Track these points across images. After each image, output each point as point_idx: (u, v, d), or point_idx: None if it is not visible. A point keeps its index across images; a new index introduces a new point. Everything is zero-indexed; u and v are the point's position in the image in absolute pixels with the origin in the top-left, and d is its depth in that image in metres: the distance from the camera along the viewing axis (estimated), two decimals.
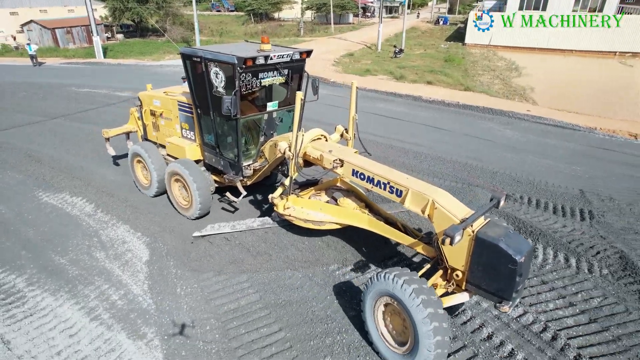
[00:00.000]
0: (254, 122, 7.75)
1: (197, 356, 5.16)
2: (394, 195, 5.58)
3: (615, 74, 31.79)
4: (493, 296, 4.80)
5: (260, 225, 7.84)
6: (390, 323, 5.17)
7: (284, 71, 7.45)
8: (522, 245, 4.62)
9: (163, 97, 8.94)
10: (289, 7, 60.93)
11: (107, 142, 10.37)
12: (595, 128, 14.94)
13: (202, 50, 7.09)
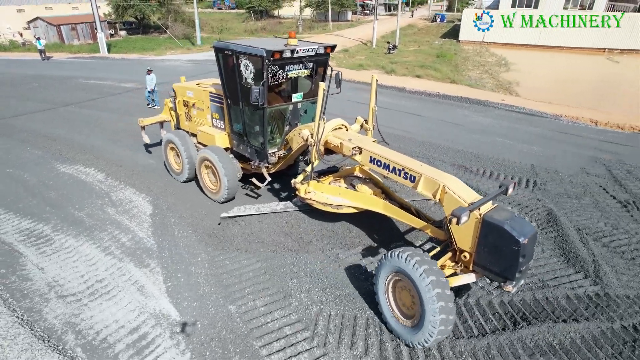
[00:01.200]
0: (279, 112, 8.08)
1: (189, 277, 6.55)
2: (407, 181, 5.92)
3: (601, 70, 32.96)
4: (498, 276, 5.10)
5: (283, 208, 8.06)
6: (400, 297, 5.53)
7: (309, 64, 7.75)
8: (526, 228, 4.90)
9: (196, 88, 9.43)
10: (288, 5, 62.13)
11: (143, 130, 11.03)
12: (561, 115, 16.25)
13: (233, 44, 7.52)
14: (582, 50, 39.36)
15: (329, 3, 54.45)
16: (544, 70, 32.69)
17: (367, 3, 72.41)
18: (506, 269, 4.96)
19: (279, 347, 5.36)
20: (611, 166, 11.23)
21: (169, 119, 11.00)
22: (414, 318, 5.32)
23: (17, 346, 5.37)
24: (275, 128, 8.25)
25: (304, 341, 5.44)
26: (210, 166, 8.68)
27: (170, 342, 5.42)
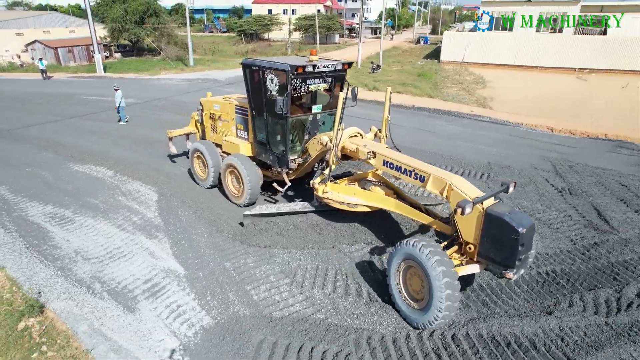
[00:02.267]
0: (300, 122, 8.69)
1: (191, 243, 7.97)
2: (417, 181, 6.46)
3: (568, 87, 35.33)
4: (499, 265, 5.58)
5: (302, 208, 8.37)
6: (410, 283, 6.03)
7: (328, 79, 8.41)
8: (525, 220, 5.40)
9: (222, 102, 10.24)
10: (278, 28, 64.67)
11: (170, 141, 11.78)
12: (521, 123, 18.07)
13: (260, 60, 8.35)
14: (555, 69, 41.82)
15: (316, 26, 57.01)
16: (517, 88, 34.97)
17: (353, 26, 75.42)
18: (507, 258, 5.43)
19: (265, 289, 6.76)
20: (556, 163, 12.92)
21: (194, 131, 11.81)
22: (421, 302, 5.82)
23: (56, 290, 6.71)
24: (296, 137, 8.87)
25: (285, 285, 6.86)
26: (234, 172, 9.36)
27: (177, 287, 6.79)
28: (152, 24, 49.11)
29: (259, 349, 5.48)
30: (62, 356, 5.58)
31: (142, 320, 6.12)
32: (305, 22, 60.71)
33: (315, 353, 5.43)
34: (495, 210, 5.49)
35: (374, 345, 5.60)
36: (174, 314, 6.22)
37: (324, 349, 5.50)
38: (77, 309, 6.37)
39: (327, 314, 6.23)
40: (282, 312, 6.25)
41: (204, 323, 6.02)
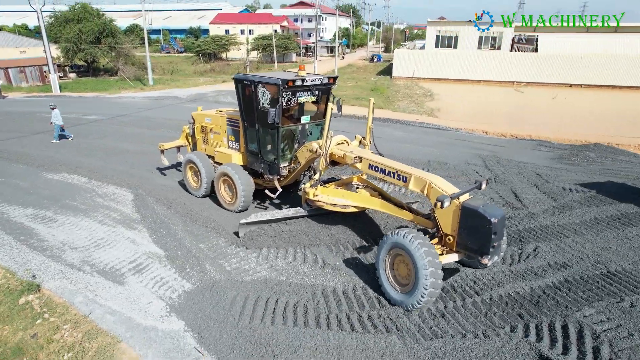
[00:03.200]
0: (290, 132, 9.40)
1: (169, 231, 9.06)
2: (400, 181, 7.09)
3: (507, 98, 38.73)
4: (476, 252, 6.23)
5: (294, 213, 8.87)
6: (397, 269, 6.64)
7: (315, 92, 9.09)
8: (497, 211, 6.09)
9: (214, 115, 10.80)
10: (235, 48, 66.01)
11: (162, 154, 12.21)
12: (461, 128, 20.27)
13: (252, 75, 9.05)
14: (496, 83, 45.49)
15: (273, 46, 58.85)
16: (462, 100, 37.94)
17: (309, 45, 78.01)
18: (482, 245, 6.11)
19: (236, 262, 7.99)
20: (486, 159, 14.93)
21: (186, 143, 12.38)
22: (407, 286, 6.44)
23: (50, 273, 7.63)
24: (286, 146, 9.54)
25: (253, 258, 8.11)
26: (227, 180, 9.90)
27: (159, 265, 7.88)
28: (108, 44, 49.16)
29: (233, 302, 6.69)
30: (64, 320, 6.54)
31: (131, 290, 7.17)
32: (262, 42, 62.46)
33: (280, 302, 6.70)
34: (470, 203, 6.21)
35: (327, 295, 6.95)
36: (159, 284, 7.31)
37: (287, 299, 6.78)
38: (71, 285, 7.33)
39: (289, 276, 7.53)
40: (251, 276, 7.50)
41: (185, 288, 7.16)
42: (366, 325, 6.16)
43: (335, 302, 6.77)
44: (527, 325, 6.13)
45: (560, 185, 12.08)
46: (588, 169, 14.12)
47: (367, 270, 7.63)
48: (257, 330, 6.03)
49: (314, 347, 5.66)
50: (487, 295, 6.82)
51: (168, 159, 12.71)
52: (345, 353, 5.55)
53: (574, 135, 19.33)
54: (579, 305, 6.57)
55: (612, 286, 7.10)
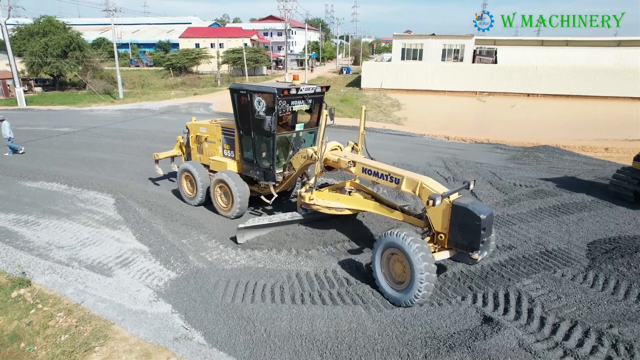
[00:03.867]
0: (285, 139, 9.76)
1: (152, 229, 9.63)
2: (393, 183, 7.42)
3: (470, 107, 40.83)
4: (466, 248, 6.58)
5: (291, 217, 9.23)
6: (392, 268, 6.94)
7: (309, 101, 9.46)
8: (484, 208, 6.48)
9: (209, 124, 11.12)
10: (206, 62, 66.39)
11: (157, 163, 12.45)
12: (424, 134, 21.58)
13: (247, 85, 9.45)
14: (459, 93, 47.66)
15: (244, 59, 59.64)
16: (427, 109, 39.73)
17: (280, 58, 79.23)
18: (472, 241, 6.47)
19: (217, 253, 8.68)
20: (447, 160, 16.15)
21: (180, 153, 12.69)
22: (403, 284, 6.74)
23: (39, 269, 8.09)
24: (281, 153, 9.87)
25: (232, 250, 8.81)
26: (223, 187, 10.18)
27: (144, 259, 8.47)
28: (75, 57, 48.66)
29: (216, 286, 7.37)
30: (57, 309, 7.05)
31: (119, 281, 7.74)
32: (233, 55, 63.09)
33: (258, 285, 7.44)
34: (460, 202, 6.59)
35: (300, 277, 7.74)
36: (145, 274, 7.91)
37: (265, 282, 7.52)
38: (61, 279, 7.82)
39: (266, 264, 8.28)
40: (231, 265, 8.21)
41: (171, 277, 7.80)
42: (336, 300, 6.98)
43: (308, 283, 7.56)
44: (475, 295, 7.10)
45: (511, 181, 13.33)
46: (537, 167, 15.53)
47: (337, 257, 8.48)
48: (239, 307, 6.74)
49: (290, 318, 6.41)
50: (443, 273, 7.77)
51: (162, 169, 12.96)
52: (318, 322, 6.33)
53: (527, 139, 20.92)
54: (519, 277, 7.61)
55: (548, 262, 8.20)
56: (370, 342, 5.80)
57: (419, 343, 5.70)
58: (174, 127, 24.14)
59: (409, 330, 6.08)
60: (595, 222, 10.19)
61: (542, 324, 6.30)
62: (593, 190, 12.38)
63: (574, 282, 7.43)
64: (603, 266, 7.78)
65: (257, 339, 6.07)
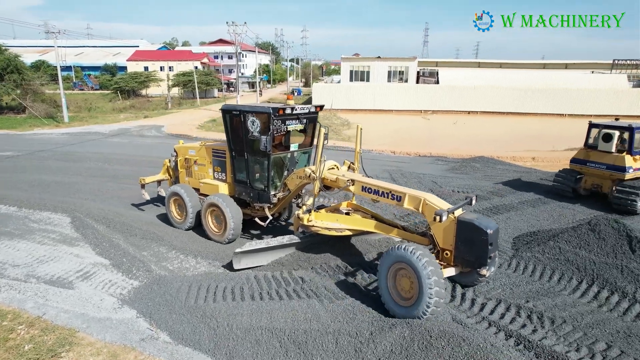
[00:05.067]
0: (280, 160, 9.65)
1: (111, 243, 9.85)
2: (394, 201, 7.31)
3: (415, 125, 43.16)
4: (473, 264, 6.48)
5: (289, 241, 8.93)
6: (399, 283, 6.75)
7: (303, 120, 9.48)
8: (491, 223, 6.40)
9: (198, 146, 10.98)
10: (156, 85, 65.64)
11: (143, 188, 12.27)
12: (371, 150, 22.87)
13: (240, 106, 9.46)
14: (406, 112, 50.14)
15: (195, 82, 59.66)
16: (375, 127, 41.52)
17: (231, 81, 79.74)
18: (480, 257, 6.36)
19: (178, 262, 9.11)
20: (392, 172, 17.38)
21: (167, 177, 12.45)
22: (410, 300, 6.55)
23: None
24: (276, 174, 9.72)
25: (192, 259, 9.25)
26: (216, 211, 9.93)
27: (106, 271, 8.72)
28: (13, 80, 46.61)
29: (179, 290, 7.79)
30: (18, 322, 7.17)
31: (82, 292, 7.95)
32: (183, 78, 62.90)
33: (219, 287, 7.94)
34: (465, 217, 6.50)
35: (259, 279, 8.32)
36: (108, 285, 8.18)
37: (225, 285, 8.03)
38: (20, 295, 7.91)
39: (226, 270, 8.80)
40: (192, 272, 8.68)
41: (134, 285, 8.12)
42: (292, 296, 7.62)
43: (266, 283, 8.15)
44: None
45: (450, 188, 14.67)
46: (473, 176, 17.08)
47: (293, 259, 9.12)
48: (202, 307, 7.22)
49: (250, 313, 6.97)
50: None
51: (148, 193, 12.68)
52: (276, 314, 6.93)
53: (466, 152, 22.74)
54: None
55: None
56: (324, 326, 6.47)
57: (366, 324, 6.43)
58: (127, 149, 24.09)
59: (357, 316, 6.81)
60: (520, 220, 11.58)
61: (473, 304, 7.28)
62: (530, 190, 14.51)
63: (500, 269, 8.53)
64: (523, 254, 8.99)
65: (220, 333, 6.57)
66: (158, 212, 12.53)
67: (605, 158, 13.01)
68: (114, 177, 17.08)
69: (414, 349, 5.76)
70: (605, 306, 7.25)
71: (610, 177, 12.91)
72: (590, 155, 13.48)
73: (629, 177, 12.55)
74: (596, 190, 13.54)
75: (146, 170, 17.96)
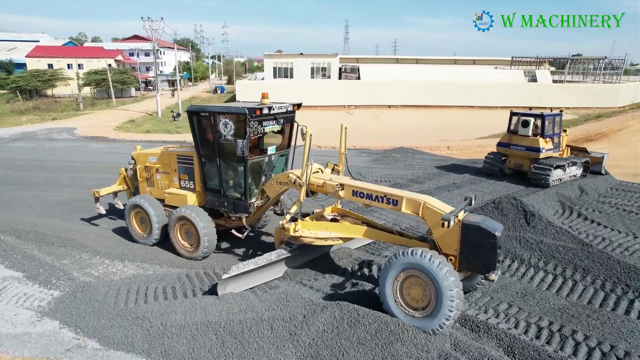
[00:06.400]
0: (257, 165, 8.82)
1: (24, 255, 9.14)
2: (390, 205, 6.77)
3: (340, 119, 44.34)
4: (481, 269, 6.05)
5: (277, 257, 8.00)
6: (408, 292, 6.14)
7: (280, 120, 8.65)
8: (497, 225, 5.97)
9: (159, 153, 9.87)
10: (64, 84, 60.49)
11: (97, 201, 11.00)
12: (319, 146, 23.28)
13: (209, 106, 8.46)
14: (329, 107, 51.21)
15: (109, 81, 55.96)
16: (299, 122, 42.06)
17: (149, 80, 75.88)
18: (488, 261, 5.96)
19: (103, 268, 8.74)
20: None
21: (124, 187, 11.26)
22: (424, 310, 6.00)
23: None
24: (252, 180, 8.85)
25: (119, 263, 8.91)
26: (186, 224, 8.99)
27: (19, 284, 8.11)
28: None
29: (106, 295, 7.53)
30: None
31: None
32: (96, 77, 58.68)
33: (150, 288, 7.80)
34: (471, 220, 6.09)
35: (191, 277, 8.30)
36: (22, 299, 7.64)
37: (156, 286, 7.91)
38: None
39: (155, 270, 8.64)
40: (119, 276, 8.39)
41: (54, 295, 7.68)
42: None
43: (198, 281, 8.15)
44: (346, 269, 8.47)
45: (374, 179, 15.46)
46: (395, 165, 18.15)
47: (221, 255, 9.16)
48: (133, 310, 7.05)
49: (184, 311, 6.95)
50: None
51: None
52: (211, 309, 6.99)
53: (387, 144, 23.96)
54: (380, 251, 9.25)
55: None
56: (258, 315, 6.66)
57: (299, 309, 6.73)
58: (35, 154, 22.22)
59: (290, 303, 7.08)
60: None
61: None
62: (461, 171, 16.16)
63: None
64: None
65: (154, 332, 6.49)
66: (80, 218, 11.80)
67: (524, 141, 15.21)
68: (23, 185, 15.72)
69: (344, 326, 6.17)
70: (508, 272, 8.25)
71: (529, 156, 15.09)
72: (512, 139, 15.64)
73: (542, 156, 14.79)
74: (518, 169, 15.78)
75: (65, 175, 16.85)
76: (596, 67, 58.67)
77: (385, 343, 5.85)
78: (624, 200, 13.43)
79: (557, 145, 15.56)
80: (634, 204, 12.91)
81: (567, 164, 15.04)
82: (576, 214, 11.82)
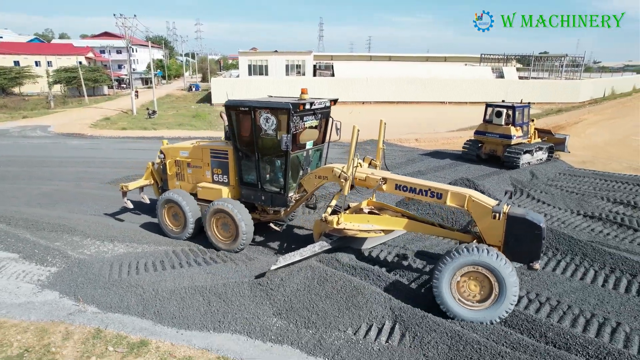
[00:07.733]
0: (296, 159, 9.02)
1: (18, 239, 9.75)
2: (434, 199, 7.03)
3: None
4: (526, 259, 6.42)
5: (320, 248, 8.29)
6: (467, 287, 6.44)
7: (318, 116, 8.81)
8: (539, 217, 6.39)
9: (192, 147, 9.92)
10: (32, 82, 59.26)
11: (125, 195, 11.06)
12: None
13: (250, 101, 8.42)
14: None
15: (81, 78, 55.22)
16: None
17: (122, 77, 74.98)
18: (533, 251, 6.38)
19: (95, 247, 9.48)
20: None
21: (151, 182, 11.28)
22: (485, 302, 6.36)
23: None
24: (291, 174, 8.95)
25: (109, 243, 9.66)
26: (223, 218, 9.14)
27: (16, 264, 8.77)
28: None
29: (101, 269, 8.32)
30: None
31: None
32: (66, 75, 57.73)
33: (140, 263, 8.63)
34: (516, 212, 6.47)
35: (177, 252, 9.15)
36: (22, 274, 8.33)
37: (146, 260, 8.75)
38: None
39: (144, 248, 9.47)
40: (111, 254, 9.18)
41: (52, 271, 8.40)
42: (209, 262, 8.65)
43: (184, 255, 9.03)
44: None
45: None
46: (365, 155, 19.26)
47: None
48: (127, 279, 7.89)
49: (173, 279, 7.84)
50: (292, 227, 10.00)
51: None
52: (197, 277, 7.90)
53: (360, 137, 25.03)
54: None
55: None
56: (240, 278, 7.64)
57: (279, 272, 7.68)
58: (12, 151, 22.50)
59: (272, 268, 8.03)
60: None
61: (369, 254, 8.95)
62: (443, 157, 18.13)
63: None
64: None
65: (147, 297, 7.35)
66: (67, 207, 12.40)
67: (497, 129, 17.63)
68: (5, 179, 16.15)
69: (314, 284, 7.19)
70: None
71: (502, 143, 17.50)
72: (487, 128, 18.08)
73: (514, 143, 17.19)
74: (493, 154, 18.12)
75: (47, 170, 17.21)
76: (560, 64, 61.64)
77: (349, 296, 6.90)
78: (569, 183, 14.97)
79: (526, 132, 17.95)
80: (576, 186, 14.46)
81: (535, 149, 17.63)
82: (525, 195, 13.22)
